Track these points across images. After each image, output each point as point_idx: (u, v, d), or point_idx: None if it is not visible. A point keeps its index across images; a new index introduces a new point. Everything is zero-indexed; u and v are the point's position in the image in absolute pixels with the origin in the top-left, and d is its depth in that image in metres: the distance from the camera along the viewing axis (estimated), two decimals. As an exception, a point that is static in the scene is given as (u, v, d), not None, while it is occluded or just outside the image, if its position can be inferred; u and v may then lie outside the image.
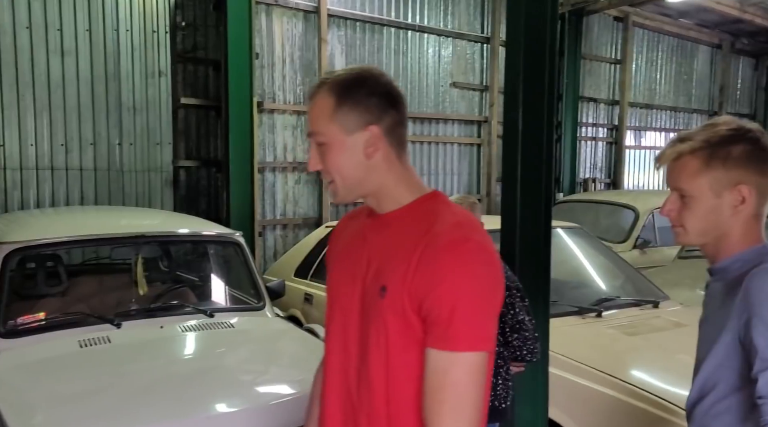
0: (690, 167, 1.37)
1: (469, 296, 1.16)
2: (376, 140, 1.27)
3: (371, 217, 1.38)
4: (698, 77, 11.44)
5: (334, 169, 1.29)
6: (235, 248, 3.76)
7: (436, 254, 1.18)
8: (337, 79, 1.28)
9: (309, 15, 7.27)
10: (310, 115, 1.31)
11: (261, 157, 6.97)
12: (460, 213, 1.29)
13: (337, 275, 1.41)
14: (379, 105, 1.27)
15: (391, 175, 1.31)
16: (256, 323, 3.45)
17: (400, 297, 1.21)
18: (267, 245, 7.26)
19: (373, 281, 1.28)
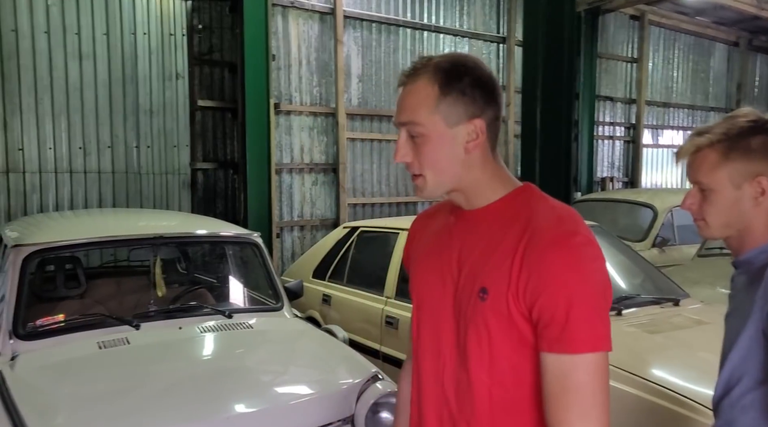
0: (709, 160, 1.35)
1: (583, 294, 1.09)
2: (478, 134, 1.19)
3: (457, 214, 1.30)
4: (715, 75, 11.31)
5: (428, 163, 1.20)
6: (253, 248, 3.75)
7: (542, 252, 1.11)
8: (440, 66, 1.19)
9: (325, 16, 7.27)
10: (404, 103, 1.21)
11: (278, 158, 6.98)
12: (558, 205, 1.21)
13: (424, 276, 1.33)
14: (483, 97, 1.19)
15: (487, 171, 1.23)
16: (274, 323, 3.44)
17: (504, 299, 1.14)
18: (285, 246, 7.25)
19: (468, 282, 1.21)
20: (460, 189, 1.24)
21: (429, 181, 1.21)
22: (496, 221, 1.21)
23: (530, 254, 1.12)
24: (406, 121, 1.20)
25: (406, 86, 1.21)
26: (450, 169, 1.21)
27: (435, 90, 1.17)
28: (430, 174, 1.20)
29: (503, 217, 1.21)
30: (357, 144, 7.63)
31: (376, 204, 7.78)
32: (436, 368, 1.28)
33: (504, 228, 1.19)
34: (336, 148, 7.40)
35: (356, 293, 4.59)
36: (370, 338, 4.30)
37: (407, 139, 1.21)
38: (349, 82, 7.50)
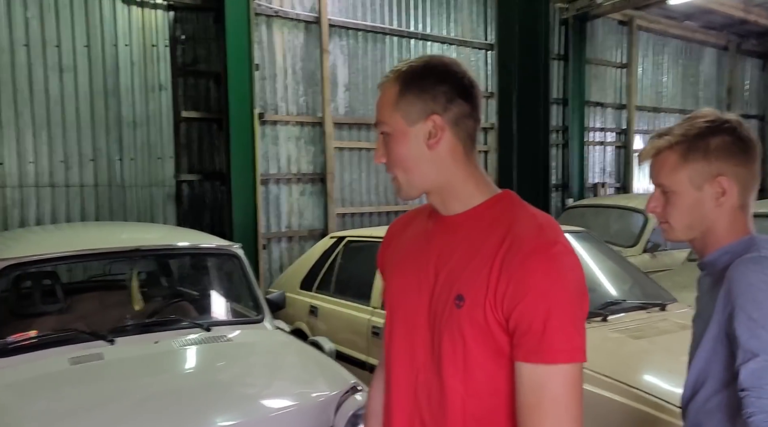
0: (669, 162, 1.36)
1: (562, 304, 1.09)
2: (438, 130, 1.19)
3: (435, 219, 1.29)
4: (705, 79, 11.33)
5: (395, 162, 1.23)
6: (233, 260, 3.70)
7: (522, 261, 1.10)
8: (404, 68, 1.23)
9: (310, 25, 7.25)
10: (377, 104, 1.26)
11: (264, 169, 6.93)
12: (538, 214, 1.21)
13: (399, 281, 1.32)
14: (447, 94, 1.19)
15: (459, 172, 1.23)
16: (254, 336, 3.39)
17: (481, 307, 1.13)
18: (273, 257, 7.18)
19: (444, 289, 1.20)
20: (435, 190, 1.24)
21: (401, 181, 1.23)
22: (475, 227, 1.20)
23: (510, 262, 1.11)
24: (376, 122, 1.25)
25: (380, 89, 1.26)
26: (417, 168, 1.21)
27: (396, 89, 1.20)
28: (400, 173, 1.22)
29: (482, 223, 1.20)
30: (345, 153, 7.58)
31: (365, 213, 7.72)
32: (409, 376, 1.26)
33: (483, 235, 1.18)
34: (324, 157, 7.36)
35: (343, 303, 4.55)
36: (357, 349, 4.25)
37: (382, 140, 1.25)
38: (335, 91, 7.46)
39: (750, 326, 1.19)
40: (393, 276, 1.35)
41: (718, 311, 1.29)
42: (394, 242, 1.41)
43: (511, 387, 1.14)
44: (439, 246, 1.24)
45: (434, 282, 1.22)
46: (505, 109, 2.62)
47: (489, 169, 8.67)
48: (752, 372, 1.16)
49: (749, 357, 1.17)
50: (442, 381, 1.19)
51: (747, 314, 1.21)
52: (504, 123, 2.69)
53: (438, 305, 1.20)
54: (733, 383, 1.25)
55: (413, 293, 1.26)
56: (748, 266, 1.27)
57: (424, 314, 1.23)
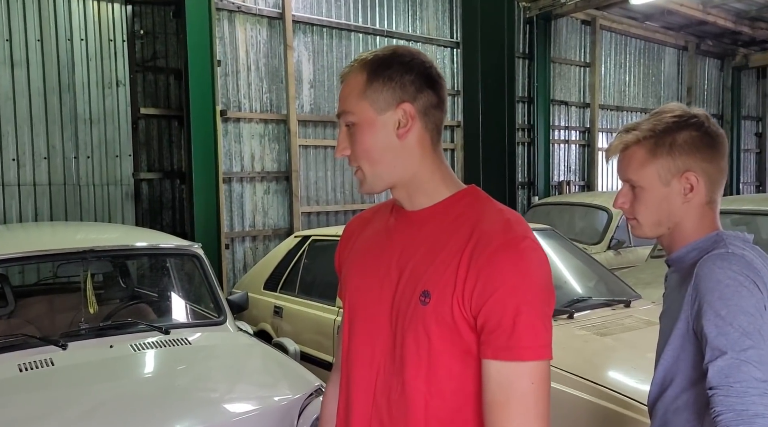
0: (637, 157, 1.35)
1: (531, 300, 1.07)
2: (409, 120, 1.17)
3: (398, 214, 1.26)
4: (666, 79, 11.53)
5: (362, 153, 1.18)
6: (193, 260, 3.61)
7: (490, 256, 1.08)
8: (370, 57, 1.20)
9: (273, 21, 7.14)
10: (340, 95, 1.22)
11: (227, 167, 6.80)
12: (505, 209, 1.19)
13: (358, 279, 1.27)
14: (415, 83, 1.17)
15: (426, 164, 1.20)
16: (215, 338, 3.30)
17: (447, 303, 1.10)
18: (236, 257, 7.06)
19: (409, 286, 1.16)
20: (401, 184, 1.20)
21: (366, 174, 1.19)
22: (441, 222, 1.18)
23: (478, 258, 1.08)
24: (340, 112, 1.20)
25: (344, 79, 1.22)
26: (384, 158, 1.17)
27: (363, 77, 1.17)
28: (365, 165, 1.18)
29: (448, 218, 1.17)
30: (310, 151, 7.49)
31: (331, 212, 7.65)
32: (368, 376, 1.22)
33: (449, 230, 1.15)
34: (288, 155, 7.25)
35: (308, 303, 4.49)
36: (323, 350, 4.20)
37: (345, 131, 1.20)
38: (300, 88, 7.36)
39: (718, 324, 1.18)
40: (352, 275, 1.30)
41: (685, 308, 1.28)
42: (352, 239, 1.36)
43: (477, 387, 1.11)
44: (402, 242, 1.21)
45: (397, 279, 1.18)
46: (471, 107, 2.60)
47: (455, 167, 8.68)
48: (720, 370, 1.15)
49: (717, 355, 1.16)
50: (403, 381, 1.15)
51: (715, 311, 1.19)
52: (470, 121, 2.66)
53: (402, 302, 1.16)
54: (700, 381, 1.24)
55: (374, 292, 1.21)
56: (715, 262, 1.25)
57: (385, 313, 1.19)
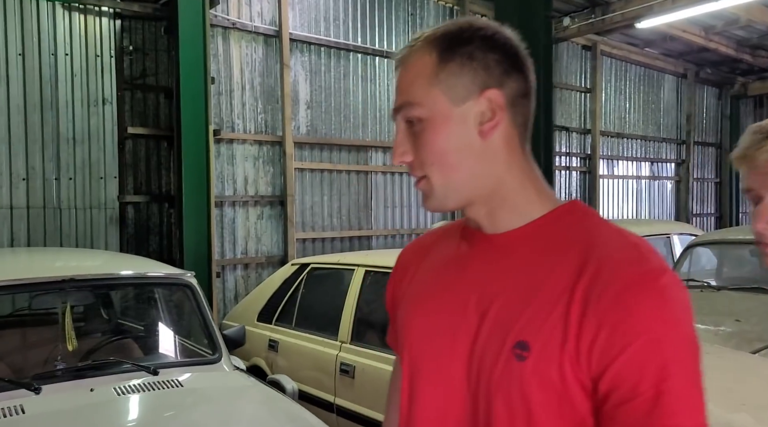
0: None
1: (682, 358, 0.80)
2: (496, 112, 0.90)
3: (473, 238, 0.99)
4: (665, 106, 11.43)
5: (432, 157, 0.91)
6: (186, 290, 3.30)
7: (619, 296, 0.80)
8: (441, 30, 0.93)
9: (270, 39, 6.89)
10: (399, 83, 0.94)
11: (219, 190, 6.48)
12: (625, 231, 0.91)
13: (422, 324, 0.99)
14: (501, 64, 0.90)
15: (514, 171, 0.93)
16: (210, 379, 2.99)
17: (555, 360, 0.82)
18: (227, 286, 6.69)
19: (495, 334, 0.88)
20: (481, 198, 0.94)
21: (436, 184, 0.92)
22: (537, 248, 0.91)
23: (599, 298, 0.81)
24: (400, 105, 0.93)
25: (403, 64, 0.94)
26: (462, 163, 0.91)
27: (433, 58, 0.90)
28: (435, 173, 0.91)
29: (547, 243, 0.90)
30: (306, 174, 7.18)
31: (327, 239, 7.32)
32: None
33: (550, 259, 0.88)
34: (283, 179, 6.94)
35: (307, 337, 4.25)
36: (323, 389, 3.97)
37: (406, 131, 0.93)
38: (296, 108, 7.08)
39: None
40: (413, 315, 1.02)
41: None
42: (410, 272, 1.09)
43: None
44: (482, 275, 0.93)
45: (478, 325, 0.90)
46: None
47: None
48: None
49: None
50: None
51: None
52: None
53: (486, 355, 0.88)
54: None
55: (445, 341, 0.94)
56: None
57: (461, 369, 0.91)
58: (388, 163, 7.84)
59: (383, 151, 7.75)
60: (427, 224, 8.19)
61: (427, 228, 8.16)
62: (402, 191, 7.99)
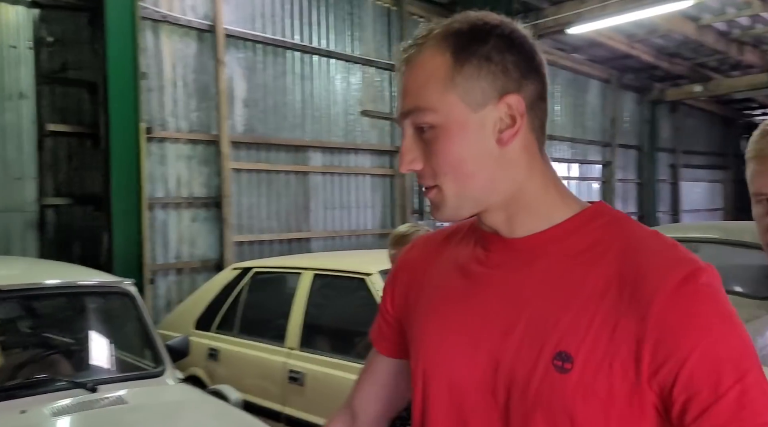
0: None
1: (750, 353, 0.76)
2: (516, 118, 0.84)
3: (490, 243, 0.91)
4: (591, 110, 11.84)
5: (447, 166, 0.85)
6: (124, 299, 3.15)
7: (672, 298, 0.76)
8: (452, 29, 0.86)
9: (203, 34, 6.60)
10: (405, 85, 0.87)
11: (150, 192, 6.14)
12: (660, 233, 0.86)
13: (437, 335, 0.92)
14: (519, 65, 0.85)
15: (536, 177, 0.88)
16: (155, 394, 2.85)
17: (604, 371, 0.77)
18: (159, 293, 6.35)
19: (527, 345, 0.82)
20: (500, 205, 0.88)
21: (449, 194, 0.86)
22: (566, 252, 0.85)
23: (651, 303, 0.76)
24: (409, 110, 0.86)
25: (409, 63, 0.87)
26: (480, 173, 0.85)
27: (447, 59, 0.84)
28: (449, 183, 0.86)
29: (577, 247, 0.85)
30: (243, 175, 6.93)
31: (266, 242, 7.10)
32: None
33: (584, 263, 0.83)
34: (219, 179, 6.66)
35: (251, 344, 4.12)
36: (270, 398, 3.86)
37: (414, 137, 0.87)
38: (232, 107, 6.82)
39: None
40: (428, 325, 0.94)
41: None
42: (419, 273, 1.01)
43: None
44: (506, 281, 0.87)
45: (504, 335, 0.84)
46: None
47: (398, 192, 8.39)
48: None
49: None
50: None
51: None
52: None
53: (518, 368, 0.82)
54: None
55: (466, 355, 0.88)
56: None
57: (485, 388, 0.85)
58: (327, 163, 7.71)
59: (322, 152, 7.62)
60: (367, 225, 8.12)
61: (367, 230, 8.09)
62: (341, 193, 7.88)
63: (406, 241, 2.38)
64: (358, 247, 7.84)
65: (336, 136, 7.76)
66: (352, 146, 7.90)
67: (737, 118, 15.91)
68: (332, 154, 7.74)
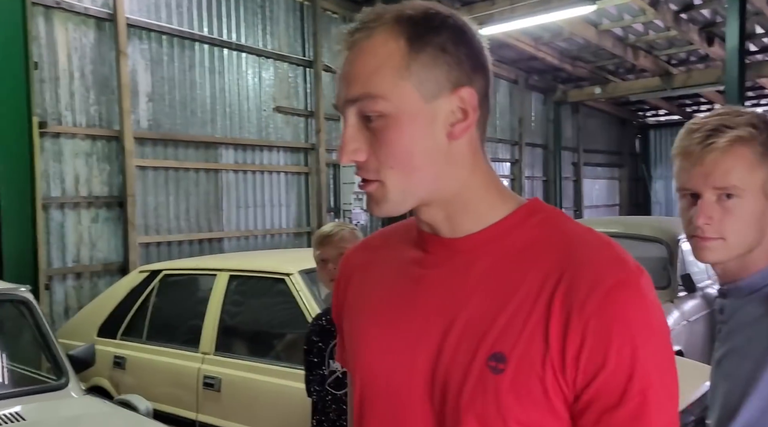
0: (746, 159, 1.12)
1: (667, 366, 0.78)
2: (469, 112, 0.82)
3: (429, 242, 0.89)
4: (501, 109, 12.22)
5: (393, 158, 0.81)
6: (20, 307, 2.93)
7: (604, 301, 0.76)
8: (403, 14, 0.82)
9: (102, 23, 6.25)
10: (352, 70, 0.82)
11: (45, 191, 5.75)
12: (596, 232, 0.85)
13: (373, 339, 0.90)
14: (470, 59, 0.83)
15: (478, 174, 0.86)
16: (57, 408, 2.69)
17: (536, 372, 0.77)
18: (55, 299, 5.96)
19: (463, 347, 0.81)
20: (439, 202, 0.86)
21: (392, 188, 0.83)
22: (504, 253, 0.84)
23: (584, 304, 0.76)
24: (357, 96, 0.81)
25: (354, 49, 0.83)
26: (427, 168, 0.83)
27: (402, 46, 0.80)
28: (394, 177, 0.82)
29: (514, 247, 0.84)
30: (148, 173, 6.61)
31: (174, 242, 6.83)
32: None
33: (521, 264, 0.83)
34: (122, 177, 6.32)
35: (162, 351, 3.98)
36: (183, 406, 3.73)
37: (359, 126, 0.82)
38: (136, 100, 6.49)
39: None
40: (365, 330, 0.93)
41: None
42: (356, 278, 1.00)
43: None
44: (443, 283, 0.86)
45: (441, 336, 0.83)
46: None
47: (313, 190, 8.31)
48: None
49: None
50: None
51: None
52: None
53: (454, 370, 0.81)
54: None
55: (403, 355, 0.86)
56: None
57: (422, 388, 0.84)
58: (240, 160, 7.49)
59: (234, 149, 7.42)
60: (282, 224, 7.96)
61: (282, 229, 7.95)
62: (255, 190, 7.70)
63: (327, 242, 2.33)
64: (273, 246, 7.70)
65: (249, 132, 7.59)
66: (266, 143, 7.75)
67: (632, 120, 16.95)
68: (245, 151, 7.56)
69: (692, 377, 3.10)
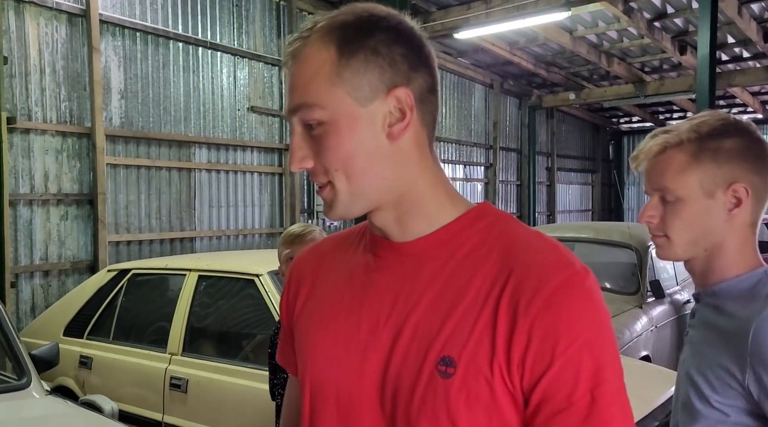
0: (676, 162, 1.19)
1: (613, 361, 0.78)
2: (406, 112, 0.83)
3: (379, 246, 0.90)
4: (476, 113, 12.26)
5: (338, 162, 0.83)
6: None
7: (548, 302, 0.77)
8: (338, 19, 0.83)
9: (75, 18, 6.15)
10: (292, 81, 0.84)
11: (13, 187, 5.64)
12: (543, 234, 0.87)
13: (323, 345, 0.90)
14: (408, 58, 0.83)
15: (426, 174, 0.87)
16: (18, 409, 2.61)
17: (484, 374, 0.77)
18: (22, 297, 5.84)
19: (413, 352, 0.82)
20: (389, 204, 0.87)
21: (341, 191, 0.84)
22: (452, 256, 0.85)
23: (528, 305, 0.78)
24: (297, 106, 0.83)
25: (295, 58, 0.84)
26: (371, 169, 0.84)
27: (332, 53, 0.82)
28: (341, 179, 0.84)
29: (462, 250, 0.85)
30: (120, 171, 6.51)
31: (145, 241, 6.73)
32: None
33: (468, 267, 0.84)
34: (93, 175, 6.22)
35: (128, 351, 3.93)
36: (148, 407, 3.70)
37: (304, 134, 0.84)
38: (108, 98, 6.40)
39: None
40: (314, 335, 0.93)
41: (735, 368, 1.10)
42: (307, 283, 0.99)
43: None
44: (392, 287, 0.87)
45: (391, 343, 0.84)
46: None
47: (287, 191, 8.25)
48: None
49: None
50: None
51: None
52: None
53: (404, 376, 0.82)
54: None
55: (352, 363, 0.86)
56: None
57: (371, 394, 0.84)
58: (213, 160, 7.42)
59: (207, 148, 7.33)
60: (255, 224, 7.91)
61: (254, 229, 7.89)
62: (228, 190, 7.63)
63: (299, 241, 2.33)
64: (246, 247, 7.64)
65: (223, 132, 7.51)
66: (240, 143, 7.68)
67: (605, 126, 17.15)
68: (218, 150, 7.49)
69: (658, 383, 3.15)
